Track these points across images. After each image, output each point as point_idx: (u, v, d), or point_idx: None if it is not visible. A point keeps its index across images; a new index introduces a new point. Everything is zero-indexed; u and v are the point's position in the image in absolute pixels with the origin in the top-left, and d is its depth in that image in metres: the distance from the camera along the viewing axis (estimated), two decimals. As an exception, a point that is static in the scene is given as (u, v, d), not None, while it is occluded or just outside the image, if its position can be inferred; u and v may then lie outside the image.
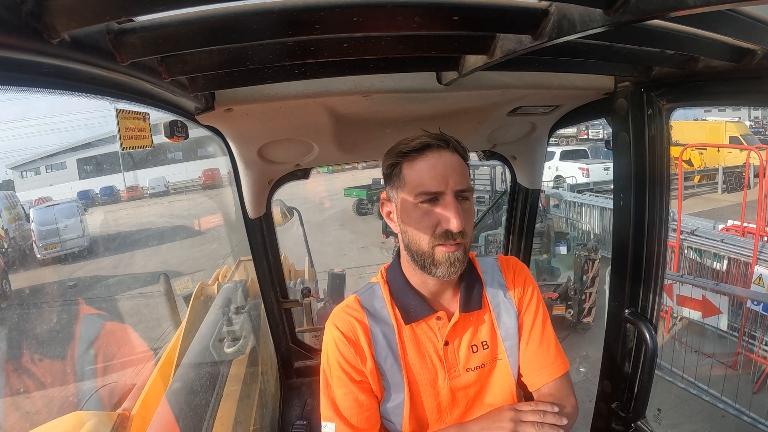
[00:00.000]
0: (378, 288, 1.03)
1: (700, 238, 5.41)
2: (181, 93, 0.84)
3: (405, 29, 0.67)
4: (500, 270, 1.08)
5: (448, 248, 0.89)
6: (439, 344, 0.98)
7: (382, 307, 1.00)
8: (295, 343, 2.08)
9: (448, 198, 0.88)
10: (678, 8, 0.53)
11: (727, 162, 13.20)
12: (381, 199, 1.02)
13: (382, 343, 0.97)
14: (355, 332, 0.97)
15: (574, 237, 7.19)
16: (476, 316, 1.02)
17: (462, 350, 0.99)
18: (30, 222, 10.93)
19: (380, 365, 0.97)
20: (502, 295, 1.04)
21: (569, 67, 1.01)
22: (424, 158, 0.91)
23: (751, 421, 3.80)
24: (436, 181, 0.88)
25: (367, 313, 1.00)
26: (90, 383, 2.36)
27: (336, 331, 0.98)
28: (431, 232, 0.89)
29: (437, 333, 0.98)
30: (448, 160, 0.91)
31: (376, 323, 0.99)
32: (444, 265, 0.90)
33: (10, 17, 0.41)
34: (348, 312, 1.01)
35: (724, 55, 0.89)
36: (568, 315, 5.58)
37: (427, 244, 0.90)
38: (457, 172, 0.90)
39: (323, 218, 13.37)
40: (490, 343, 1.01)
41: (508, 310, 1.04)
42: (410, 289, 0.99)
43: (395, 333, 0.98)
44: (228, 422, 1.79)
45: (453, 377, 0.98)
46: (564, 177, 13.35)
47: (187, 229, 13.26)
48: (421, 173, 0.90)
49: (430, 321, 0.99)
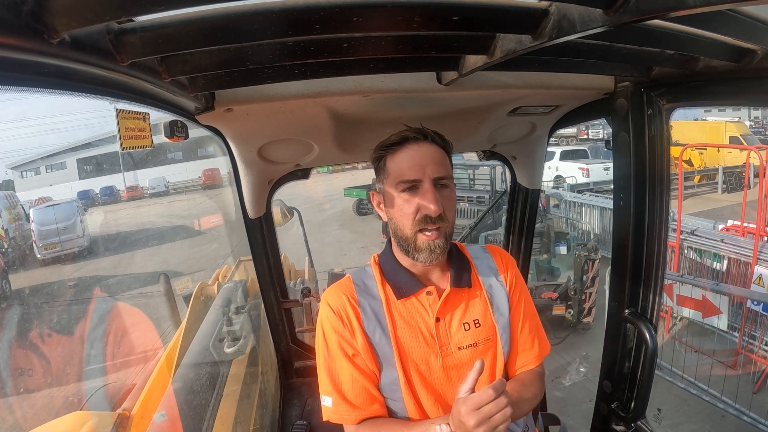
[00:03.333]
0: (369, 268, 1.10)
1: (700, 238, 5.40)
2: (181, 93, 0.84)
3: (405, 29, 0.67)
4: (490, 255, 1.13)
5: (428, 236, 0.95)
6: (431, 320, 1.00)
7: (373, 285, 1.06)
8: (295, 343, 2.08)
9: (426, 185, 0.95)
10: (678, 8, 0.53)
11: (727, 162, 13.17)
12: (372, 191, 1.08)
13: (370, 314, 1.01)
14: (344, 306, 1.02)
15: (574, 237, 7.18)
16: (468, 294, 1.05)
17: (453, 327, 1.01)
18: (30, 222, 10.91)
19: (370, 338, 1.00)
20: (494, 278, 1.09)
21: (569, 67, 1.01)
22: (403, 150, 0.98)
23: (751, 421, 3.80)
24: (414, 170, 0.95)
25: (357, 288, 1.06)
26: (90, 383, 2.36)
27: (326, 307, 1.04)
28: (412, 217, 0.96)
29: (428, 309, 1.01)
30: (426, 150, 0.97)
31: (365, 297, 1.04)
32: (425, 251, 0.96)
33: (10, 17, 0.41)
34: (338, 288, 1.07)
35: (724, 55, 0.89)
36: (568, 315, 5.57)
37: (410, 229, 0.96)
38: (435, 161, 0.97)
39: (323, 218, 13.36)
40: (482, 322, 1.03)
41: (500, 291, 1.07)
42: (401, 268, 1.05)
43: (383, 306, 1.02)
44: (228, 422, 1.79)
45: (445, 355, 1.00)
46: (564, 177, 13.33)
47: (187, 229, 13.25)
48: (401, 164, 0.97)
49: (420, 296, 1.02)
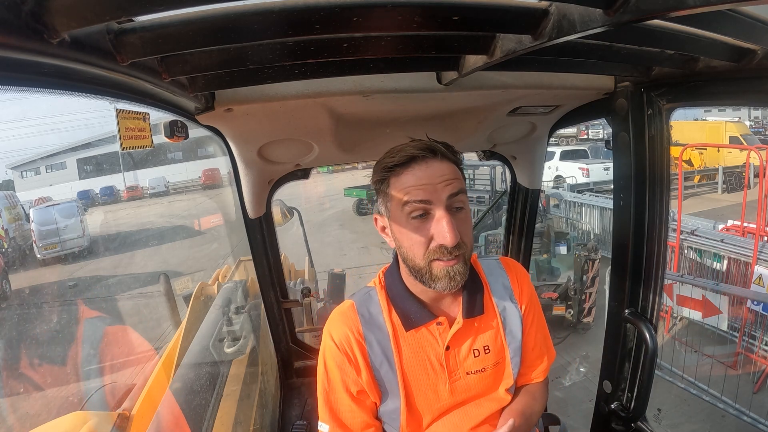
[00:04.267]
0: (374, 293, 1.02)
1: (700, 238, 5.41)
2: (181, 93, 0.84)
3: (405, 29, 0.67)
4: (505, 272, 1.07)
5: (447, 263, 0.85)
6: (440, 349, 0.97)
7: (378, 313, 0.99)
8: (295, 343, 2.08)
9: (440, 212, 0.85)
10: (678, 8, 0.53)
11: (727, 162, 13.18)
12: (375, 214, 0.99)
13: (377, 350, 0.96)
14: (350, 343, 0.96)
15: (574, 237, 7.19)
16: (481, 322, 1.00)
17: (463, 354, 0.99)
18: (30, 222, 10.90)
19: (376, 372, 0.96)
20: (508, 299, 1.03)
21: (569, 67, 1.01)
22: (410, 171, 0.86)
23: (751, 421, 3.80)
24: (424, 194, 0.85)
25: (362, 320, 0.98)
26: (90, 383, 2.36)
27: (330, 342, 0.98)
28: (425, 247, 0.86)
29: (438, 338, 0.97)
30: (436, 169, 0.86)
31: (371, 330, 0.97)
32: (443, 279, 0.86)
33: (10, 17, 0.41)
34: (342, 320, 0.99)
35: (724, 55, 0.88)
36: (568, 315, 5.58)
37: (422, 260, 0.87)
38: (447, 180, 0.86)
39: (323, 218, 13.36)
40: (492, 348, 1.00)
41: (514, 313, 1.03)
42: (409, 296, 0.97)
43: (390, 339, 0.96)
44: (228, 422, 1.79)
45: (454, 380, 0.98)
46: (564, 177, 13.34)
47: (187, 229, 13.24)
48: (408, 187, 0.86)
49: (431, 326, 0.97)
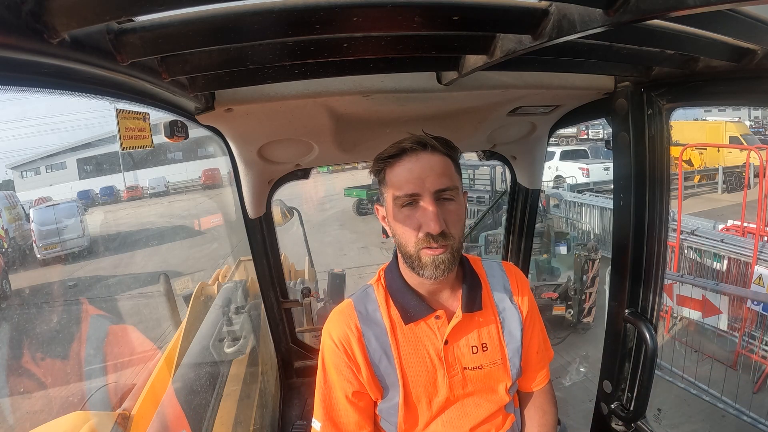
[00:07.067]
0: (372, 291, 1.05)
1: (700, 238, 5.40)
2: (181, 93, 0.84)
3: (405, 29, 0.67)
4: (506, 275, 1.09)
5: (433, 251, 0.89)
6: (439, 343, 0.99)
7: (375, 309, 1.02)
8: (295, 343, 2.08)
9: (426, 200, 0.88)
10: (678, 8, 0.53)
11: (727, 162, 13.18)
12: (376, 204, 1.04)
13: (375, 345, 0.98)
14: (349, 341, 0.98)
15: (574, 237, 7.19)
16: (479, 318, 1.02)
17: (461, 350, 1.00)
18: (30, 222, 10.91)
19: (375, 368, 0.98)
20: (508, 300, 1.06)
21: (569, 67, 1.01)
22: (401, 162, 0.91)
23: (751, 421, 3.80)
24: (412, 185, 0.89)
25: (360, 317, 1.01)
26: (90, 383, 2.36)
27: (330, 341, 1.00)
28: (415, 235, 0.90)
29: (437, 332, 0.99)
30: (426, 162, 0.90)
31: (368, 326, 1.00)
32: (429, 267, 0.90)
33: (10, 17, 0.41)
34: (341, 318, 1.02)
35: (724, 55, 0.88)
36: (568, 315, 5.58)
37: (413, 247, 0.91)
38: (436, 172, 0.90)
39: (323, 218, 13.36)
40: (491, 346, 1.02)
41: (513, 314, 1.05)
42: (408, 289, 1.00)
43: (388, 334, 0.99)
44: (228, 422, 1.79)
45: (452, 375, 0.99)
46: (564, 177, 13.34)
47: (187, 229, 13.25)
48: (399, 177, 0.91)
49: (429, 320, 0.99)
